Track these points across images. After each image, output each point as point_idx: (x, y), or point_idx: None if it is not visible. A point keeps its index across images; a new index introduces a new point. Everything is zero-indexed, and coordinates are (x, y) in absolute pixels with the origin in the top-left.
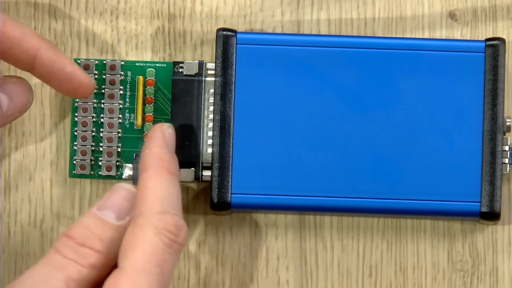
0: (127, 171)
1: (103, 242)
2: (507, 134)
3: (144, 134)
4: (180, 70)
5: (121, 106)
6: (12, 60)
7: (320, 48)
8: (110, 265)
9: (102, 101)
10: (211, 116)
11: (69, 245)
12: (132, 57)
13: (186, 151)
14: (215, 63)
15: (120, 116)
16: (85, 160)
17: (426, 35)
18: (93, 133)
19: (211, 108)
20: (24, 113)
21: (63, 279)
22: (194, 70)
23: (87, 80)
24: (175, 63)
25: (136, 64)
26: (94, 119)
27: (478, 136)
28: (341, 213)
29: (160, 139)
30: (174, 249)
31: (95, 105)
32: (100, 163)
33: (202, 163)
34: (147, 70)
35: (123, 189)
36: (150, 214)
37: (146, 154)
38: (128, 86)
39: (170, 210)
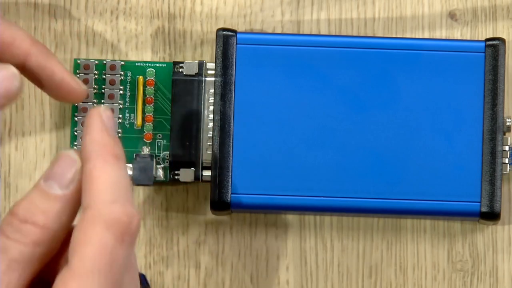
0: (128, 171)
1: (47, 215)
2: (507, 134)
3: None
4: (180, 70)
5: (121, 106)
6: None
7: (320, 48)
8: (57, 238)
9: (102, 101)
10: (211, 116)
11: (13, 224)
12: (132, 57)
13: (186, 151)
14: (215, 63)
15: (120, 116)
16: None
17: (426, 35)
18: None
19: (211, 108)
20: (13, 100)
21: (4, 262)
22: (194, 70)
23: (77, 87)
24: (175, 63)
25: (136, 64)
26: None
27: (478, 136)
28: (341, 213)
29: (98, 123)
30: (126, 242)
31: (95, 105)
32: None
33: (202, 163)
34: (147, 70)
35: (66, 157)
36: (98, 207)
37: (86, 141)
38: (128, 86)
39: (119, 199)
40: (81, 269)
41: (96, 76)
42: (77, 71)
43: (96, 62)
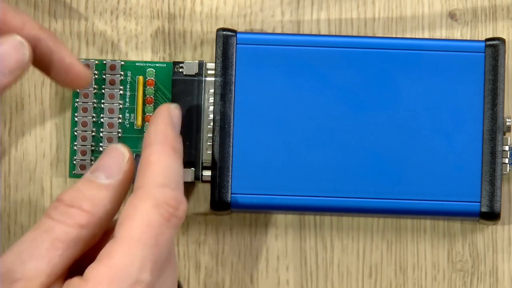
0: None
1: (91, 201)
2: (507, 134)
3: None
4: (180, 70)
5: (121, 106)
6: None
7: (320, 48)
8: (101, 225)
9: (102, 101)
10: (211, 116)
11: (58, 208)
12: (132, 57)
13: (186, 151)
14: (215, 63)
15: (120, 116)
16: (85, 160)
17: (426, 35)
18: (93, 133)
19: (211, 108)
20: (26, 69)
21: (48, 240)
22: (194, 70)
23: (84, 72)
24: (175, 63)
25: (136, 64)
26: (94, 119)
27: (478, 136)
28: (341, 213)
29: (166, 117)
30: (172, 223)
31: (95, 105)
32: None
33: (202, 163)
34: (147, 70)
35: (114, 150)
36: (150, 187)
37: (151, 130)
38: (128, 86)
39: (171, 184)
40: (127, 239)
41: (96, 76)
42: None
43: (96, 62)
